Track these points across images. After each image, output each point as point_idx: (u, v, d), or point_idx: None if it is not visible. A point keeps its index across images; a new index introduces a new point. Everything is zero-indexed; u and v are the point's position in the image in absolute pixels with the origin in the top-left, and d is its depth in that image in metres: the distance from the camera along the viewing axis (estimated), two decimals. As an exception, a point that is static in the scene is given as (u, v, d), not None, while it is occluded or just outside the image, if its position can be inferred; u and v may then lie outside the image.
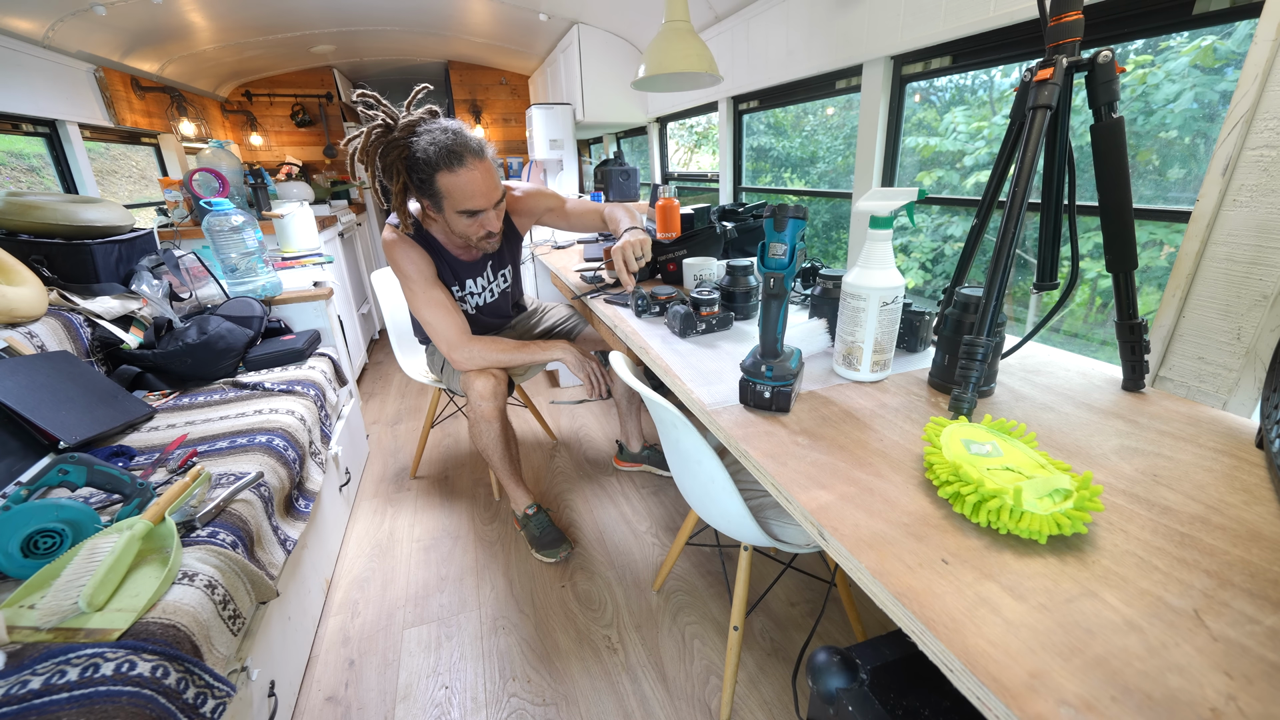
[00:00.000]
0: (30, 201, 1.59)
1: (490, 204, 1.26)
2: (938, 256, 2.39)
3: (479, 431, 1.51)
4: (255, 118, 4.08)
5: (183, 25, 2.61)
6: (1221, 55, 1.29)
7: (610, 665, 1.26)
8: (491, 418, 1.48)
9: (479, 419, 1.48)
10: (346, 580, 1.54)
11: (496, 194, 1.27)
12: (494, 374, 1.46)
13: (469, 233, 1.30)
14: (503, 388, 1.48)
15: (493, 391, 1.45)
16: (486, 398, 1.45)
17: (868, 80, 1.53)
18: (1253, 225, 0.77)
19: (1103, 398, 0.86)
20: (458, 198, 1.23)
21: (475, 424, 1.50)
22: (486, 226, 1.30)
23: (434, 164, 1.18)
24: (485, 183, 1.23)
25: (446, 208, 1.25)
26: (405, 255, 1.36)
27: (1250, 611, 0.47)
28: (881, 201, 0.88)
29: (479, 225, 1.29)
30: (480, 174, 1.22)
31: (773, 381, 0.83)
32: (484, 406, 1.46)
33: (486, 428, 1.49)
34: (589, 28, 2.80)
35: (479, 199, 1.24)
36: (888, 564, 0.54)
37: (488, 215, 1.28)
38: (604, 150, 4.06)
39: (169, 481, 1.09)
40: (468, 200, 1.23)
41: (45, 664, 0.70)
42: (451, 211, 1.25)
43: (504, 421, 1.52)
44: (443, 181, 1.20)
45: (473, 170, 1.21)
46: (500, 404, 1.48)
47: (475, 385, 1.44)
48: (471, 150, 1.20)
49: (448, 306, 1.41)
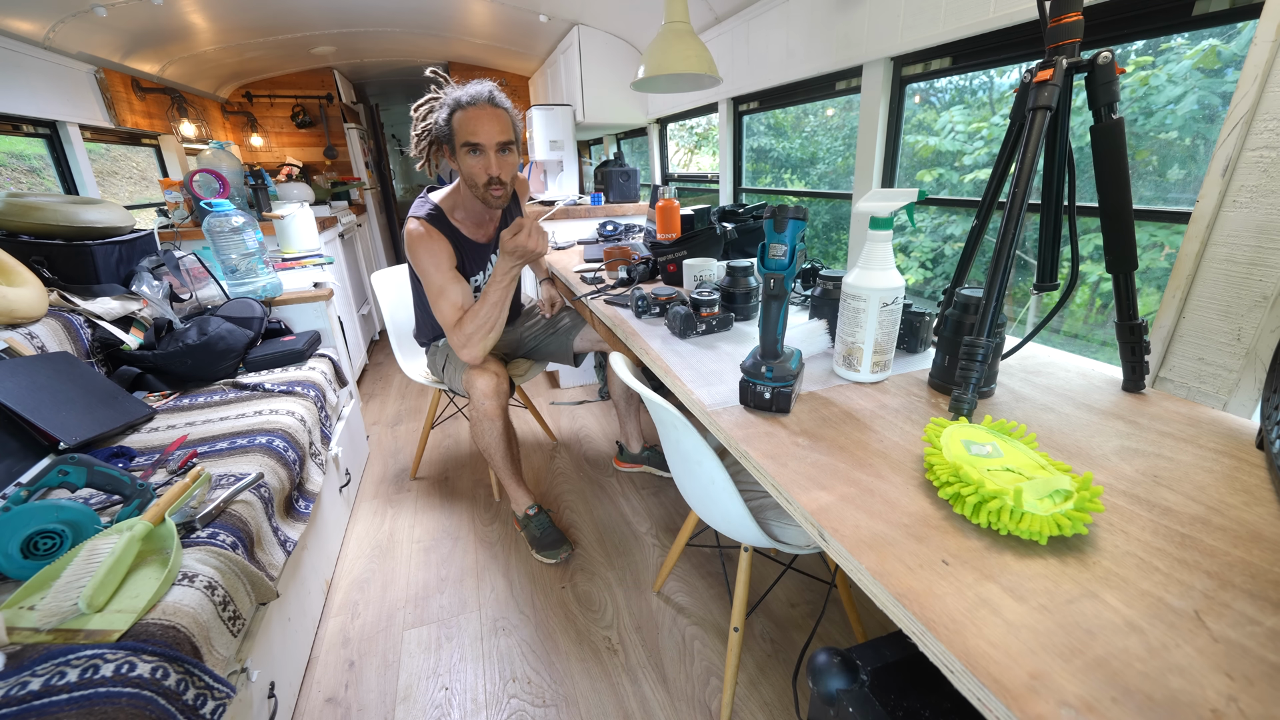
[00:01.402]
0: (31, 202, 1.59)
1: (490, 141, 1.34)
2: (938, 257, 2.39)
3: (481, 430, 1.51)
4: (256, 119, 4.08)
5: (183, 26, 2.62)
6: (1225, 59, 1.29)
7: (610, 666, 1.26)
8: (494, 416, 1.48)
9: (481, 417, 1.48)
10: (346, 581, 1.54)
11: (500, 136, 1.35)
12: (495, 372, 1.47)
13: (474, 173, 1.37)
14: (504, 386, 1.48)
15: (495, 390, 1.45)
16: (489, 396, 1.45)
17: (868, 81, 1.53)
18: (1253, 226, 0.77)
19: (1103, 398, 0.86)
20: (463, 131, 1.33)
21: (477, 423, 1.50)
22: (489, 170, 1.36)
23: (453, 105, 1.33)
24: (490, 122, 1.33)
25: (456, 143, 1.35)
26: (426, 247, 1.41)
27: (1251, 613, 0.47)
28: (881, 202, 0.88)
29: (482, 165, 1.36)
30: (488, 114, 1.33)
31: (773, 382, 0.83)
32: (487, 405, 1.46)
33: (489, 426, 1.49)
34: (589, 29, 2.80)
35: (480, 133, 1.33)
36: (888, 565, 0.54)
37: (489, 155, 1.35)
38: (604, 151, 4.06)
39: (169, 482, 1.09)
40: (470, 133, 1.33)
41: (45, 665, 0.70)
42: (459, 145, 1.35)
43: (506, 421, 1.53)
44: (455, 118, 1.33)
45: (482, 110, 1.32)
46: (502, 403, 1.48)
47: (478, 384, 1.44)
48: (486, 96, 1.34)
49: (457, 301, 1.41)
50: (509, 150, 1.39)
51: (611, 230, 2.53)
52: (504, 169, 1.39)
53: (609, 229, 2.54)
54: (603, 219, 2.85)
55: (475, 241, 1.53)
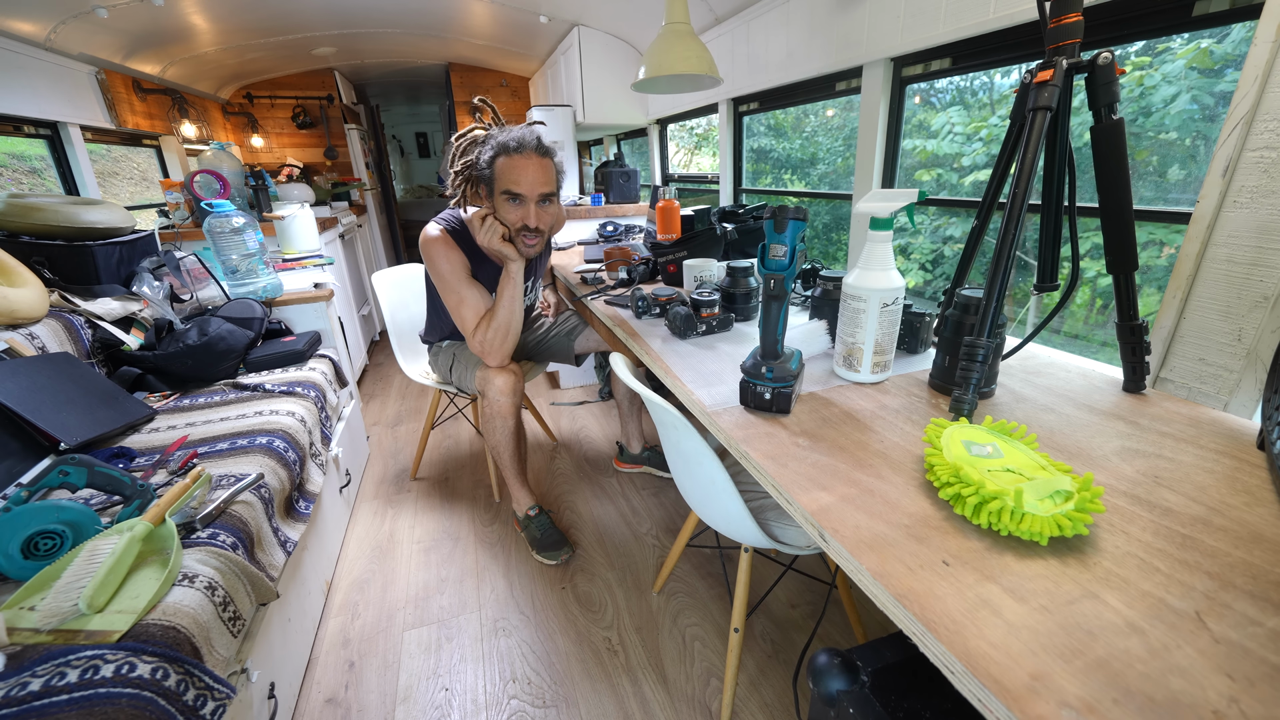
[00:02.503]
0: (31, 203, 1.59)
1: (532, 192, 1.32)
2: (938, 258, 2.39)
3: (494, 428, 1.51)
4: (256, 119, 4.09)
5: (184, 28, 2.62)
6: (1218, 58, 1.29)
7: (611, 667, 1.26)
8: (509, 414, 1.48)
9: (495, 414, 1.48)
10: (347, 582, 1.54)
11: (543, 188, 1.33)
12: (513, 370, 1.47)
13: (510, 220, 1.34)
14: (521, 385, 1.49)
15: (512, 388, 1.46)
16: (506, 393, 1.45)
17: (868, 82, 1.53)
18: (1253, 226, 0.77)
19: (1103, 399, 0.86)
20: (504, 178, 1.31)
21: (490, 420, 1.50)
22: (526, 219, 1.34)
23: (498, 149, 1.31)
24: (534, 172, 1.31)
25: (496, 189, 1.33)
26: (444, 254, 1.40)
27: (1252, 613, 0.47)
28: (881, 203, 0.88)
29: (519, 215, 1.34)
30: (534, 165, 1.30)
31: (773, 383, 0.83)
32: (503, 402, 1.46)
33: (502, 424, 1.50)
34: (589, 30, 2.80)
35: (523, 183, 1.31)
36: (889, 566, 0.54)
37: (529, 207, 1.33)
38: (604, 152, 4.06)
39: (169, 483, 1.09)
40: (511, 181, 1.30)
41: (45, 666, 0.70)
42: (498, 192, 1.33)
43: (519, 419, 1.53)
44: (499, 163, 1.31)
45: (528, 159, 1.30)
46: (518, 401, 1.49)
47: (495, 381, 1.45)
48: (532, 144, 1.31)
49: (479, 308, 1.42)
50: (550, 201, 1.37)
51: (612, 231, 2.53)
52: (542, 220, 1.37)
53: (609, 230, 2.54)
54: (603, 220, 2.85)
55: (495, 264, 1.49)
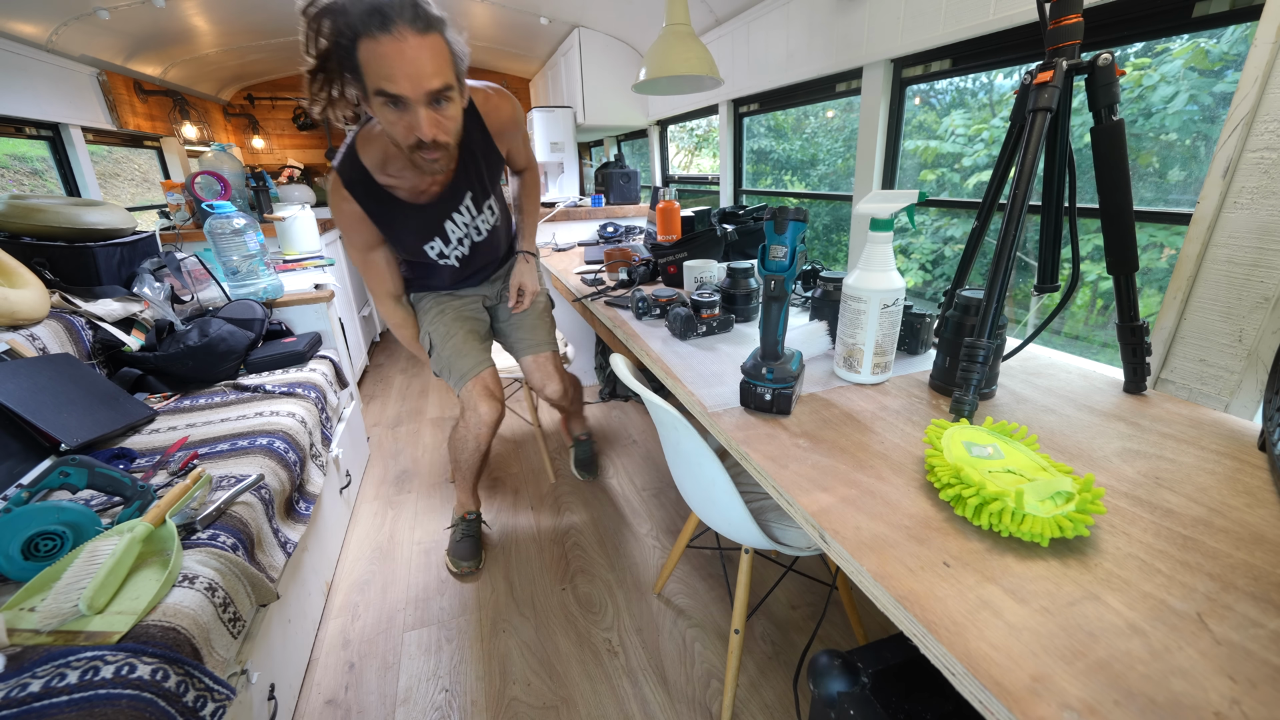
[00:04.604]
0: (33, 204, 1.59)
1: (417, 92, 0.92)
2: (938, 258, 2.39)
3: (463, 445, 1.48)
4: (257, 121, 4.09)
5: (185, 29, 2.62)
6: (1215, 58, 1.29)
7: (611, 668, 1.26)
8: (483, 441, 1.46)
9: (469, 437, 1.45)
10: (347, 583, 1.54)
11: (430, 82, 0.92)
12: (501, 400, 1.44)
13: (394, 133, 0.98)
14: (501, 417, 1.45)
15: (495, 420, 1.43)
16: (488, 425, 1.42)
17: (868, 83, 1.53)
18: (1254, 227, 0.77)
19: (1104, 400, 0.86)
20: (372, 72, 0.90)
21: (463, 438, 1.47)
22: (415, 130, 0.95)
23: (356, 26, 0.86)
24: (413, 60, 0.89)
25: (369, 89, 0.93)
26: (335, 205, 1.16)
27: (1254, 615, 0.47)
28: (882, 204, 0.88)
29: (405, 125, 0.95)
30: (409, 48, 0.88)
31: (773, 384, 0.83)
32: (481, 431, 1.43)
33: (474, 446, 1.46)
34: (590, 31, 2.81)
35: (399, 79, 0.89)
36: (889, 567, 0.54)
37: (416, 112, 0.94)
38: (604, 153, 4.06)
39: (170, 484, 1.09)
40: (383, 78, 0.89)
41: (45, 667, 0.70)
42: (371, 92, 0.93)
43: (490, 446, 1.50)
44: (363, 51, 0.88)
45: (400, 40, 0.87)
46: (494, 432, 1.46)
47: (480, 409, 1.40)
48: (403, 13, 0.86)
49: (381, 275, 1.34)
50: (447, 99, 0.96)
51: (612, 232, 2.54)
52: (440, 128, 0.97)
53: (609, 230, 2.54)
54: (603, 220, 2.85)
55: (415, 205, 1.19)
